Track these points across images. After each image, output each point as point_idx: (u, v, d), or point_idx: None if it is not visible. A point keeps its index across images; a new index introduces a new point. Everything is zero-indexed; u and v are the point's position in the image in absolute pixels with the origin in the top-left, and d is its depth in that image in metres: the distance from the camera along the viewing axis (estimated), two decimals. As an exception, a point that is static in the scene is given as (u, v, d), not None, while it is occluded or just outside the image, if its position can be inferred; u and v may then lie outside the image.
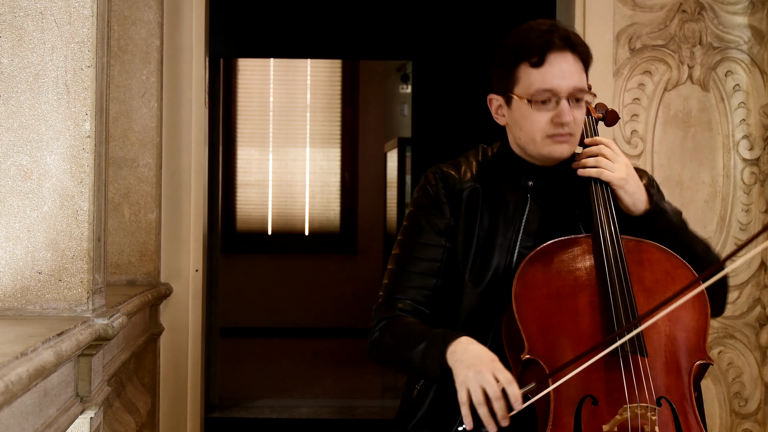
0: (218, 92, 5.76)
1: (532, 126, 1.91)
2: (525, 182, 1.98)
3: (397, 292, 1.99)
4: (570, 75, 1.88)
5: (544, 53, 1.87)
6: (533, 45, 1.88)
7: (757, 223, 3.37)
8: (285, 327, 8.43)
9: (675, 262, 1.89)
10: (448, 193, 2.01)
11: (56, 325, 1.65)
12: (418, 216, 2.04)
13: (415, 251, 2.01)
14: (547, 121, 1.89)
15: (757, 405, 3.36)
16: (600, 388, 1.74)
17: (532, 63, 1.88)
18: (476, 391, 1.71)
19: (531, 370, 1.78)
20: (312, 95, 8.68)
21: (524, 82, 1.89)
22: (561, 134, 1.90)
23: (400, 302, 1.98)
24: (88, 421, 1.80)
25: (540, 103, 1.88)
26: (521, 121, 1.93)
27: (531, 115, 1.90)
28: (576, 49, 1.90)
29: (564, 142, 1.91)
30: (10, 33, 1.78)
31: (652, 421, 1.68)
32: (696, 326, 1.84)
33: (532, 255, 1.87)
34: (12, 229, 1.78)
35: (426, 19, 5.39)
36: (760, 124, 3.36)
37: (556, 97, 1.88)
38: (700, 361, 1.81)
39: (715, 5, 3.35)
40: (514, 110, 1.94)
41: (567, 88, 1.87)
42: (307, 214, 8.63)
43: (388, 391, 6.32)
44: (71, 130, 1.79)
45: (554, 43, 1.87)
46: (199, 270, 3.31)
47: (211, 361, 5.36)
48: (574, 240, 1.90)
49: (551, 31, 1.89)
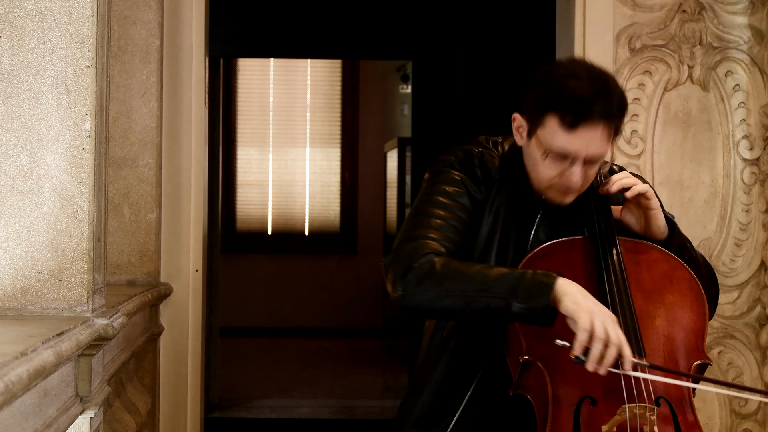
0: (218, 92, 5.76)
1: (542, 173, 1.87)
2: (538, 196, 1.95)
3: (427, 233, 1.84)
4: (595, 145, 1.81)
5: (578, 121, 1.78)
6: (571, 105, 1.78)
7: (757, 223, 3.37)
8: (285, 327, 8.44)
9: (673, 263, 1.89)
10: (485, 176, 1.95)
11: (56, 325, 1.65)
12: (448, 174, 1.94)
13: (446, 201, 1.90)
14: (557, 174, 1.85)
15: (757, 405, 3.36)
16: (598, 388, 1.74)
17: (563, 121, 1.79)
18: (601, 327, 1.65)
19: (530, 372, 1.78)
20: (312, 95, 8.68)
21: (548, 132, 1.82)
22: (567, 189, 1.87)
23: (433, 242, 1.83)
24: (88, 421, 1.80)
25: (555, 158, 1.84)
26: (533, 161, 1.89)
27: (544, 162, 1.86)
28: (612, 119, 1.81)
29: (569, 194, 1.89)
30: (10, 33, 1.78)
31: (651, 421, 1.68)
32: (694, 327, 1.84)
33: (531, 256, 1.88)
34: (12, 229, 1.78)
35: (426, 19, 5.39)
36: (760, 124, 3.36)
37: (573, 157, 1.82)
38: (699, 361, 1.81)
39: (715, 5, 3.35)
40: (531, 147, 1.89)
41: (586, 155, 1.82)
42: (307, 214, 8.63)
43: (388, 391, 6.32)
44: (71, 130, 1.79)
45: (593, 115, 1.78)
46: (199, 270, 3.31)
47: (211, 361, 5.36)
48: (573, 241, 1.90)
49: (593, 99, 1.78)
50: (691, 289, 1.87)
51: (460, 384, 1.93)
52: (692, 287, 1.87)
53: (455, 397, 1.93)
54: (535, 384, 1.79)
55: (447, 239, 1.85)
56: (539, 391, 1.77)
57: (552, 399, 1.73)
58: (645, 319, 1.81)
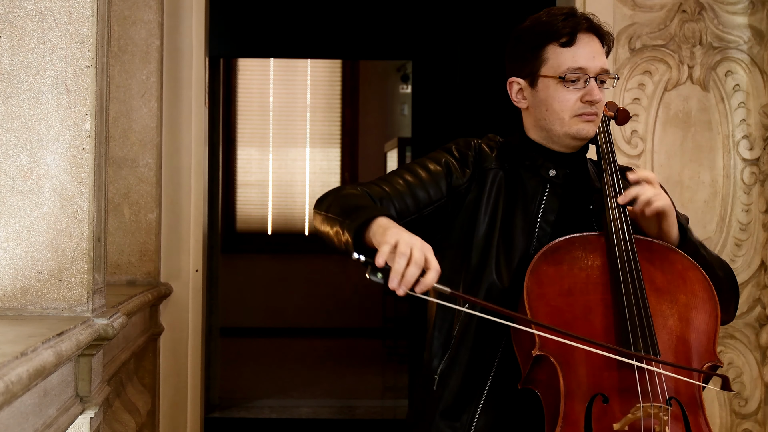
0: (218, 92, 5.77)
1: (561, 105, 1.93)
2: (546, 171, 1.98)
3: (381, 184, 1.95)
4: (598, 55, 1.93)
5: (574, 33, 1.92)
6: (562, 25, 1.92)
7: (757, 223, 3.37)
8: (285, 327, 8.44)
9: (686, 263, 1.89)
10: (477, 164, 2.01)
11: (56, 325, 1.65)
12: (438, 154, 2.03)
13: (416, 168, 1.99)
14: (576, 100, 1.92)
15: (757, 405, 3.36)
16: (612, 386, 1.73)
17: (562, 43, 1.92)
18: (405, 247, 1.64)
19: (541, 367, 1.77)
20: (312, 95, 8.68)
21: (553, 62, 1.92)
22: (589, 113, 1.92)
23: (378, 189, 1.93)
24: (88, 421, 1.80)
25: (570, 82, 1.91)
26: (549, 100, 1.94)
27: (560, 94, 1.92)
28: (600, 32, 1.95)
29: (591, 121, 1.94)
30: (10, 33, 1.78)
31: (663, 421, 1.68)
32: (707, 329, 1.84)
33: (545, 251, 1.87)
34: (12, 229, 1.78)
35: (426, 19, 5.39)
36: (760, 124, 3.36)
37: (585, 76, 1.91)
38: (710, 363, 1.81)
39: (715, 5, 3.35)
40: (541, 90, 1.95)
41: (595, 68, 1.92)
42: (307, 214, 8.63)
43: (388, 391, 6.32)
44: (71, 130, 1.79)
45: (583, 24, 1.93)
46: (199, 270, 3.31)
47: (211, 361, 5.36)
48: (587, 237, 1.90)
49: (575, 14, 1.95)
50: (704, 290, 1.87)
51: (480, 374, 1.92)
52: (705, 288, 1.87)
53: (477, 387, 1.92)
54: (545, 378, 1.78)
55: (397, 197, 1.93)
56: (549, 386, 1.77)
57: (564, 395, 1.73)
58: (658, 318, 1.81)
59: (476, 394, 1.92)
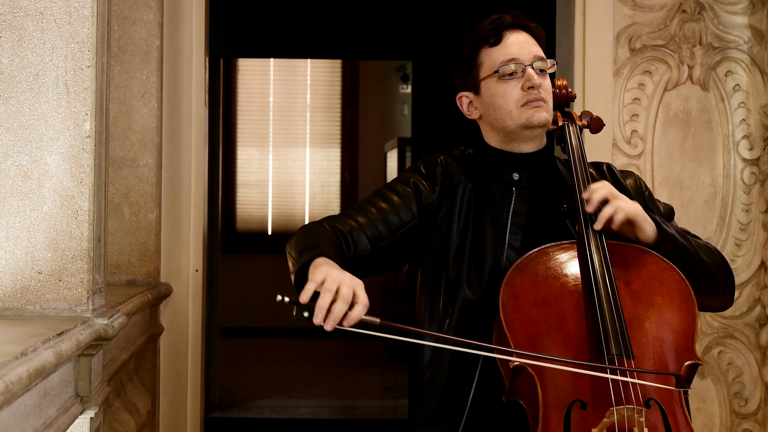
0: (218, 92, 5.77)
1: (504, 99, 1.96)
2: (510, 175, 2.00)
3: (354, 215, 1.96)
4: (528, 45, 1.98)
5: (499, 32, 1.98)
6: (488, 29, 2.00)
7: (757, 223, 3.37)
8: (285, 327, 8.42)
9: (662, 265, 1.89)
10: (445, 179, 2.03)
11: (56, 325, 1.65)
12: (406, 175, 2.06)
13: (386, 192, 2.01)
14: (518, 90, 1.96)
15: (757, 405, 3.36)
16: (588, 392, 1.74)
17: (491, 43, 1.98)
18: (332, 283, 1.64)
19: (520, 378, 1.78)
20: (312, 95, 8.68)
21: (488, 62, 1.98)
22: (534, 98, 1.95)
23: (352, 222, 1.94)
24: (88, 421, 1.80)
25: (508, 76, 1.95)
26: (493, 99, 1.98)
27: (501, 89, 1.96)
28: (528, 27, 2.00)
29: (539, 107, 1.96)
30: (10, 33, 1.78)
31: (639, 423, 1.67)
32: (683, 327, 1.84)
33: (519, 263, 1.88)
34: (12, 229, 1.78)
35: (426, 19, 5.39)
36: (760, 124, 3.36)
37: (521, 65, 1.95)
38: (689, 362, 1.81)
39: (715, 5, 3.36)
40: (485, 94, 2.00)
41: (529, 56, 1.96)
42: (307, 214, 8.63)
43: (388, 391, 6.32)
44: (71, 130, 1.79)
45: (507, 21, 1.99)
46: (199, 270, 3.31)
47: (211, 361, 5.37)
48: (560, 246, 1.91)
49: (500, 18, 2.01)
50: (680, 291, 1.87)
51: (461, 386, 1.93)
52: (681, 288, 1.87)
53: (459, 398, 1.93)
54: (526, 390, 1.78)
55: (368, 226, 1.94)
56: (531, 396, 1.77)
57: (542, 404, 1.73)
58: (634, 322, 1.81)
59: (458, 407, 1.92)
